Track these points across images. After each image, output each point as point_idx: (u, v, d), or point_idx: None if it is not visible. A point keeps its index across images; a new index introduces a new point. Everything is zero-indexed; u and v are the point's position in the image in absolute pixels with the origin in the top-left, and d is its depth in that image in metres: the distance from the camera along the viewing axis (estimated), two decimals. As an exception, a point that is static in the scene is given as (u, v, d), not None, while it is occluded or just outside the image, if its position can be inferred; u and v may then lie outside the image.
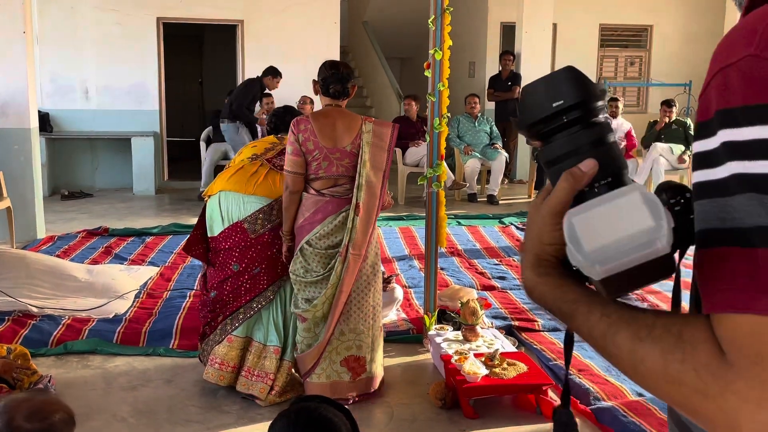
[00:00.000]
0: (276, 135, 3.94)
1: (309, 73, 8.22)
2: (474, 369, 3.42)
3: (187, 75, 14.10)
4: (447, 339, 3.94)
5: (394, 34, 13.25)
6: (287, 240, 3.50)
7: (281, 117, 4.00)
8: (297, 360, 3.54)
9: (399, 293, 4.72)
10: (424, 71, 4.15)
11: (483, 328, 4.08)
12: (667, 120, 9.04)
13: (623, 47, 12.34)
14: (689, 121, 9.18)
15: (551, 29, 10.81)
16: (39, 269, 5.03)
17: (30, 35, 6.62)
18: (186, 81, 13.99)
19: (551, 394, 3.51)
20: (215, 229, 3.60)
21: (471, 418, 3.37)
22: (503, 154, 9.30)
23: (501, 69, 10.59)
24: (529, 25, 10.47)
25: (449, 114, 4.25)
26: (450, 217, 6.26)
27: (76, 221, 7.66)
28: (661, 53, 12.11)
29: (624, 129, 9.13)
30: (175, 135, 11.37)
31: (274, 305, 3.59)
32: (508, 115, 10.43)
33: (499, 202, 9.15)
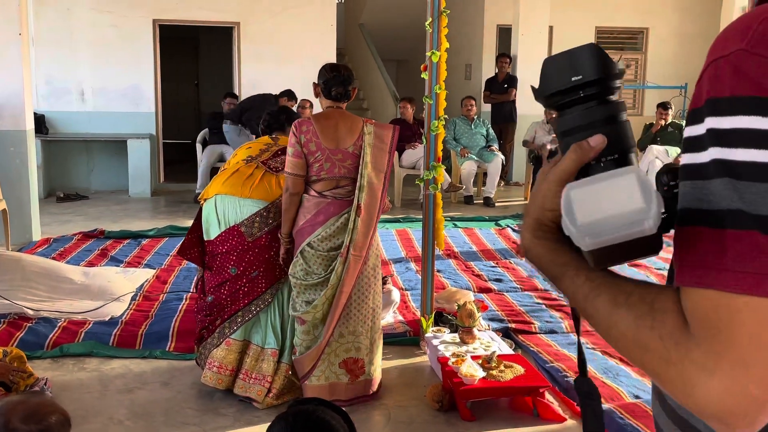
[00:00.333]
0: (270, 135, 3.93)
1: (305, 76, 8.25)
2: (471, 371, 3.42)
3: (183, 77, 14.08)
4: (444, 341, 3.94)
5: (390, 36, 13.26)
6: (285, 243, 3.49)
7: (275, 116, 3.99)
8: (295, 363, 3.53)
9: (396, 295, 4.72)
10: (420, 73, 4.15)
11: (480, 330, 4.09)
12: (663, 122, 9.06)
13: (619, 50, 12.36)
14: (685, 123, 9.20)
15: (547, 32, 10.83)
16: (35, 271, 5.01)
17: (26, 37, 6.60)
18: (182, 83, 13.98)
19: (548, 396, 3.51)
20: (212, 233, 3.59)
21: (468, 420, 3.37)
22: (499, 156, 9.31)
23: (497, 71, 10.61)
24: (525, 28, 10.50)
25: (446, 116, 4.25)
26: (446, 220, 6.25)
27: (71, 223, 7.64)
28: (657, 56, 12.13)
29: None
30: (171, 137, 11.35)
31: (272, 308, 3.58)
32: (504, 118, 10.45)
33: (496, 204, 9.16)
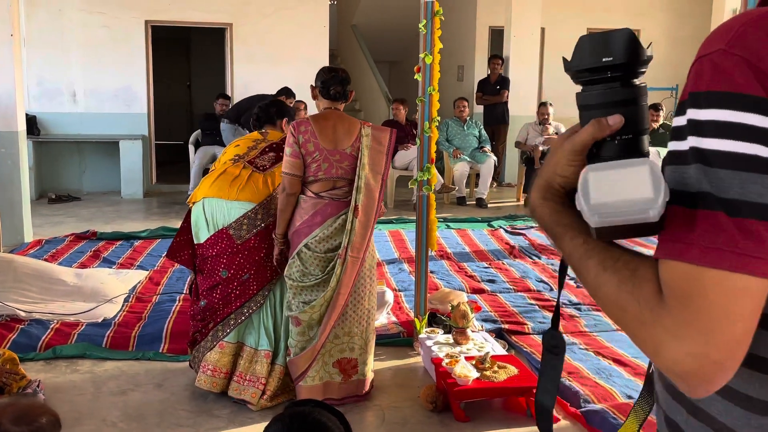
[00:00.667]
0: (260, 129, 3.91)
1: (298, 77, 8.26)
2: (465, 372, 3.43)
3: (175, 78, 14.05)
4: (437, 342, 3.95)
5: (382, 37, 13.27)
6: (280, 243, 3.49)
7: (265, 109, 3.97)
8: (289, 364, 3.52)
9: (389, 296, 4.73)
10: (412, 75, 4.17)
11: (473, 331, 4.10)
12: (654, 124, 9.10)
13: (610, 51, 12.40)
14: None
15: (539, 33, 10.86)
16: (27, 273, 5.00)
17: (17, 38, 6.58)
18: (174, 84, 13.94)
19: (541, 396, 3.52)
20: (201, 237, 3.58)
21: (462, 421, 3.38)
22: (492, 157, 9.33)
23: (489, 73, 10.63)
24: (518, 29, 10.52)
25: (439, 117, 4.26)
26: (439, 221, 6.26)
27: (63, 225, 7.62)
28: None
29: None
30: (163, 138, 11.32)
31: (264, 309, 3.57)
32: (496, 119, 10.47)
33: (488, 205, 9.17)
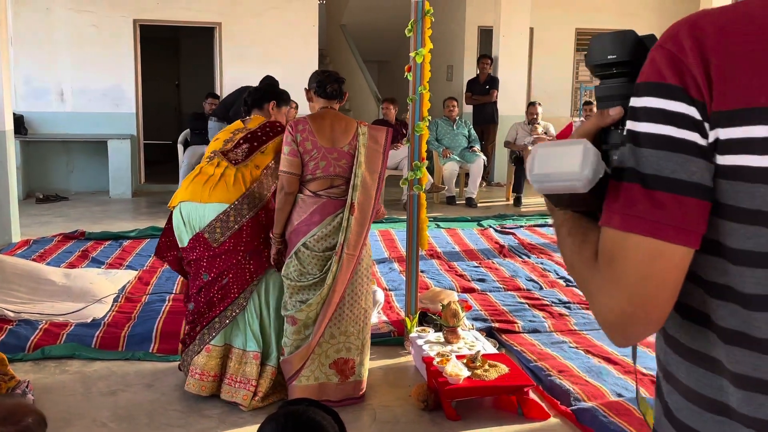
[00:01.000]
0: (245, 117, 3.85)
1: (287, 77, 8.24)
2: (456, 371, 3.43)
3: (164, 77, 13.99)
4: (428, 341, 3.95)
5: (371, 37, 13.27)
6: (277, 242, 3.48)
7: (254, 92, 3.86)
8: (283, 363, 3.50)
9: (380, 296, 4.73)
10: (401, 74, 4.17)
11: (464, 330, 4.10)
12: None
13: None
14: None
15: (528, 33, 10.90)
16: (15, 273, 4.97)
17: (4, 37, 6.53)
18: (163, 84, 13.88)
19: (532, 394, 3.54)
20: (183, 240, 3.57)
21: (453, 419, 3.39)
22: (481, 157, 9.35)
23: (479, 72, 10.65)
24: (506, 29, 10.55)
25: (430, 117, 4.26)
26: (429, 220, 6.27)
27: (51, 225, 7.57)
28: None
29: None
30: (152, 138, 11.27)
31: (248, 311, 3.54)
32: (486, 119, 10.49)
33: (478, 204, 9.19)
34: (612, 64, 1.00)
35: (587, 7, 11.99)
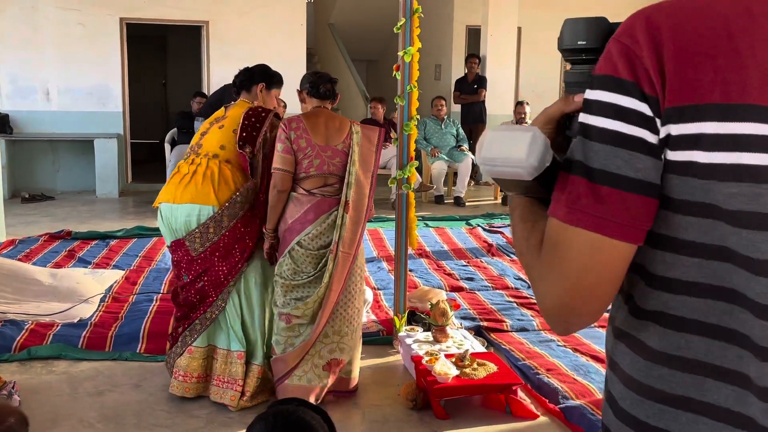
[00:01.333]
0: (230, 102, 3.77)
1: (276, 75, 8.16)
2: (445, 370, 3.43)
3: (151, 76, 13.92)
4: (417, 340, 3.95)
5: (359, 36, 13.26)
6: (270, 237, 3.48)
7: (244, 73, 3.75)
8: (275, 362, 3.48)
9: (369, 295, 4.73)
10: (390, 73, 4.17)
11: (452, 329, 4.11)
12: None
13: (586, 51, 12.50)
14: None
15: (516, 32, 10.92)
16: (1, 273, 4.92)
17: (-10, 35, 6.48)
18: (149, 82, 13.82)
19: (521, 393, 3.54)
20: (167, 240, 3.58)
21: (442, 418, 3.39)
22: (469, 156, 9.36)
23: (467, 72, 10.66)
24: (494, 29, 10.57)
25: (419, 116, 4.27)
26: (418, 219, 6.28)
27: (37, 224, 7.52)
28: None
29: None
30: (139, 137, 11.22)
31: (229, 311, 3.51)
32: (474, 118, 10.50)
33: (466, 203, 9.21)
34: (581, 50, 0.99)
35: (575, 7, 11.98)
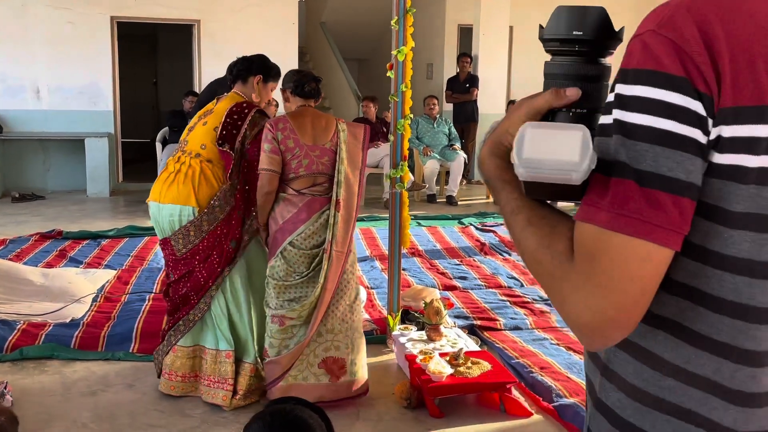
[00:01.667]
0: (221, 95, 3.73)
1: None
2: (439, 368, 3.44)
3: (142, 75, 13.87)
4: (411, 339, 3.96)
5: (351, 35, 13.24)
6: (264, 230, 3.50)
7: (241, 62, 3.72)
8: (269, 365, 3.45)
9: (362, 294, 4.72)
10: (381, 72, 4.17)
11: (446, 327, 4.11)
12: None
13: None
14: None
15: (508, 31, 10.93)
16: (-8, 273, 4.90)
17: (-20, 33, 6.44)
18: (140, 81, 13.77)
19: (514, 391, 3.55)
20: (159, 236, 3.58)
21: (436, 417, 3.39)
22: (462, 155, 9.38)
23: (459, 71, 10.67)
24: (486, 28, 10.58)
25: (411, 115, 4.26)
26: (411, 218, 6.29)
27: (28, 224, 7.47)
28: (620, 54, 12.32)
29: None
30: (130, 136, 11.17)
31: (215, 312, 3.49)
32: (466, 117, 10.52)
33: (458, 202, 9.22)
34: (575, 40, 0.93)
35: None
